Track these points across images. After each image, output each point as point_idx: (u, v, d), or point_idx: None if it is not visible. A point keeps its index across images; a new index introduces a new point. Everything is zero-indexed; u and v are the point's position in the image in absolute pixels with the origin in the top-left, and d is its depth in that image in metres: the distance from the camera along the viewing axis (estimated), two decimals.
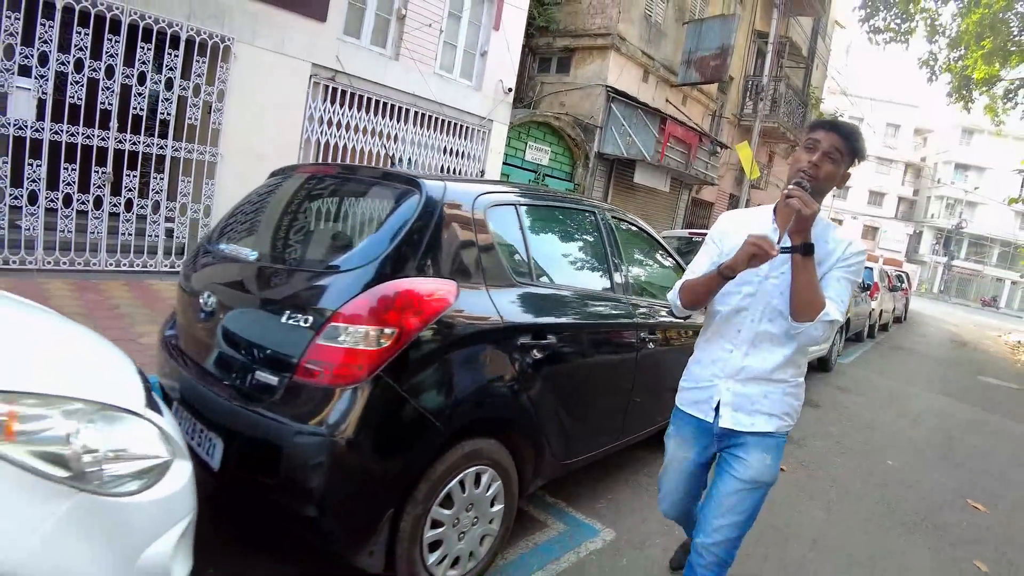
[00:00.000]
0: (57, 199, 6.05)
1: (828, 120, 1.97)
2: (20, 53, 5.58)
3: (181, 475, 1.67)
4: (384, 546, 2.08)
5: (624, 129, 12.17)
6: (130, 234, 6.54)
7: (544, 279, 2.75)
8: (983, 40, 18.31)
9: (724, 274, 1.91)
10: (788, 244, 1.87)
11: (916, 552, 3.48)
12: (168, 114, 6.49)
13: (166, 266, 6.81)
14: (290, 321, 2.08)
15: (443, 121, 9.11)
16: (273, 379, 2.09)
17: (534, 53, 13.04)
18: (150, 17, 6.11)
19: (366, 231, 2.33)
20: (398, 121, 8.49)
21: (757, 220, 2.08)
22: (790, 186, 1.87)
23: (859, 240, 2.02)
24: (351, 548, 2.05)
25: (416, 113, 8.69)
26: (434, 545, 2.24)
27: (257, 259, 2.43)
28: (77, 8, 5.71)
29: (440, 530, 2.24)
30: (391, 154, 8.30)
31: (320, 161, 7.57)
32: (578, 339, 2.81)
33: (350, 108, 7.91)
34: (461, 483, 2.28)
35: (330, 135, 7.76)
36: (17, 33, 5.52)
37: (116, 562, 1.41)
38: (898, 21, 20.44)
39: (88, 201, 6.19)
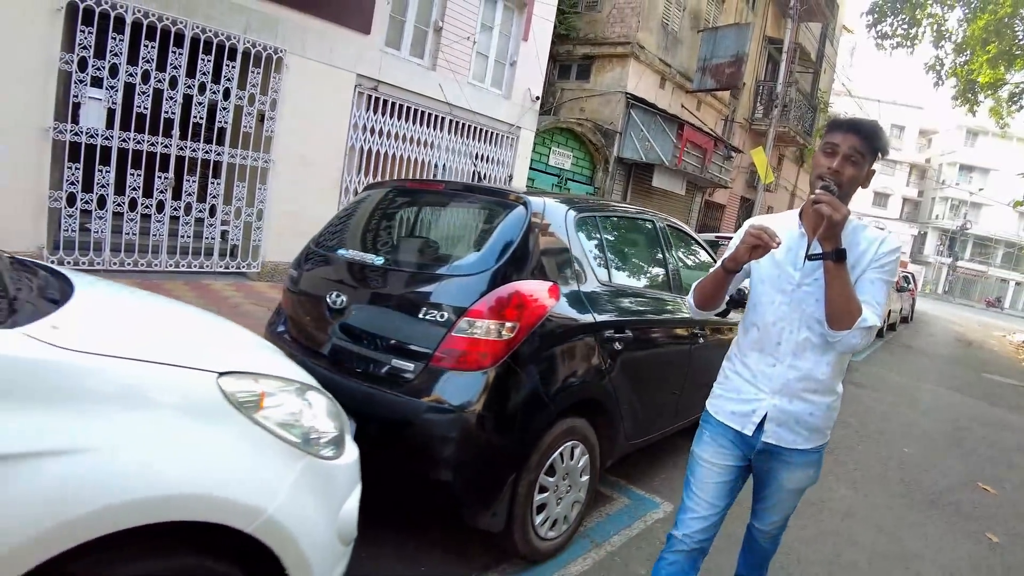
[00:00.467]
0: (123, 203, 6.46)
1: (846, 120, 1.91)
2: (92, 65, 5.99)
3: (352, 446, 2.07)
4: (505, 508, 2.50)
5: (643, 134, 12.58)
6: (188, 236, 6.97)
7: (619, 280, 3.17)
8: (988, 45, 18.61)
9: (727, 267, 1.94)
10: (818, 250, 1.84)
11: (935, 525, 3.90)
12: (225, 122, 6.90)
13: (220, 267, 7.23)
14: (426, 317, 2.49)
15: (475, 128, 9.53)
16: (409, 365, 2.50)
17: (555, 60, 13.44)
18: (210, 30, 6.52)
19: (483, 240, 2.74)
20: (434, 129, 8.92)
21: (784, 225, 2.02)
22: (817, 190, 1.82)
23: (891, 237, 1.97)
24: (478, 510, 2.47)
25: (450, 121, 9.11)
26: (539, 508, 2.66)
27: (384, 264, 2.84)
28: (145, 23, 6.12)
29: (545, 495, 2.67)
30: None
31: (421, 178, 8.00)
32: (648, 333, 3.23)
33: (390, 116, 8.34)
34: (560, 455, 2.70)
35: (372, 142, 8.18)
36: (90, 47, 5.93)
37: (329, 512, 1.80)
38: (905, 26, 20.76)
39: (151, 205, 6.60)
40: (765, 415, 1.99)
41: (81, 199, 6.17)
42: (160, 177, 6.61)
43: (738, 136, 17.95)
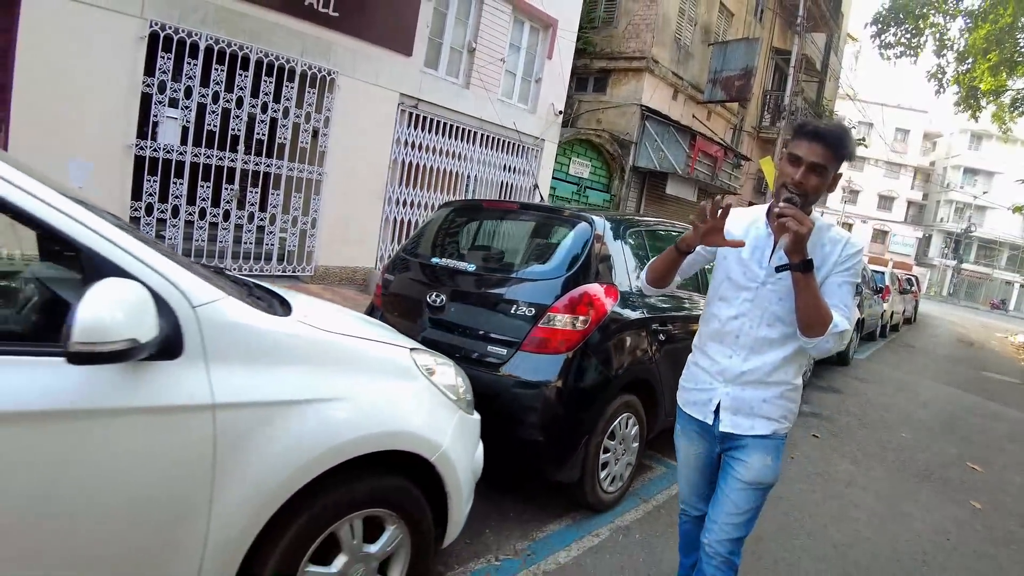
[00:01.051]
0: (194, 213, 7.14)
1: (811, 128, 1.90)
2: (170, 88, 6.67)
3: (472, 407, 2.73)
4: (579, 464, 3.17)
5: (657, 144, 13.25)
6: (251, 243, 7.66)
7: None
8: (989, 53, 19.17)
9: (679, 248, 2.00)
10: (785, 261, 1.87)
11: (926, 493, 4.56)
12: (284, 138, 7.59)
13: (278, 271, 7.92)
14: (515, 312, 3.17)
15: (503, 141, 10.21)
16: (502, 351, 3.18)
17: (573, 73, 14.09)
18: (272, 54, 7.20)
19: (556, 251, 3.42)
20: (467, 143, 9.61)
21: (752, 220, 2.10)
22: (780, 203, 1.83)
23: (854, 239, 2.02)
24: (560, 464, 3.14)
25: (481, 135, 9.80)
26: (603, 466, 3.34)
27: (476, 270, 3.52)
28: (216, 48, 6.79)
29: (607, 455, 3.34)
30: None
31: (494, 198, 8.98)
32: (683, 326, 3.89)
33: (428, 132, 9.02)
34: (619, 424, 3.38)
35: (413, 156, 8.86)
36: (168, 71, 6.61)
37: (469, 454, 2.45)
38: (908, 36, 21.35)
39: (219, 214, 7.29)
40: (719, 403, 2.08)
41: (158, 209, 6.85)
42: (227, 189, 7.30)
43: (746, 144, 18.61)
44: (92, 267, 1.42)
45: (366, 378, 2.05)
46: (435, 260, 3.75)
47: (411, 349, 2.30)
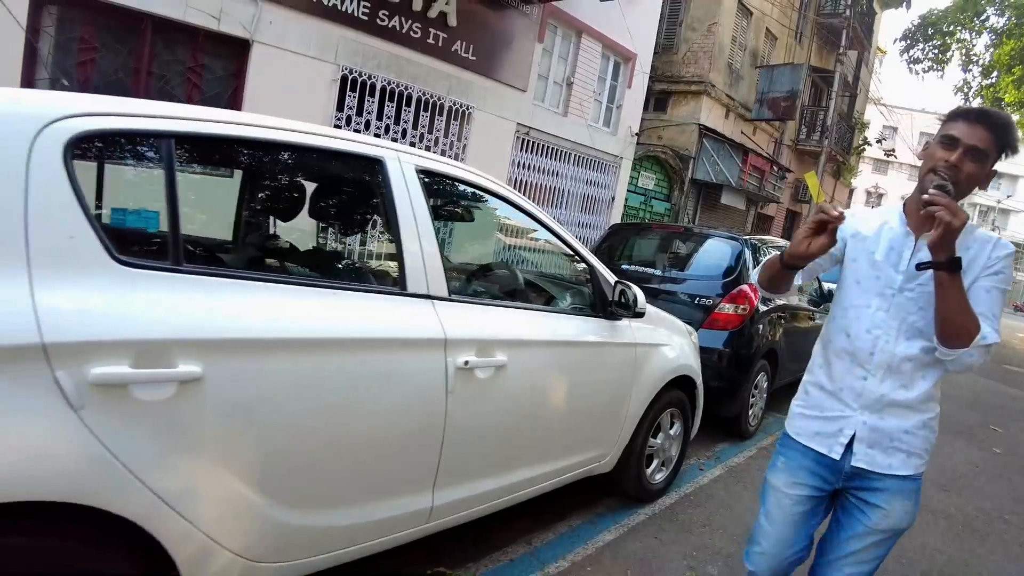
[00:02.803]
0: None
1: (973, 109, 1.68)
2: (354, 121, 8.39)
3: None
4: (739, 404, 4.87)
5: (713, 159, 14.89)
6: None
7: None
8: (1014, 68, 20.56)
9: (786, 263, 1.78)
10: (929, 258, 1.61)
11: (959, 443, 6.23)
12: None
13: None
14: (698, 302, 4.88)
15: (590, 160, 11.92)
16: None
17: None
18: (428, 93, 8.90)
19: (720, 260, 5.13)
20: (563, 162, 11.33)
21: (884, 219, 1.85)
22: (931, 189, 1.56)
23: (1005, 240, 1.74)
24: (727, 404, 4.83)
25: (574, 155, 11.52)
26: (750, 407, 5.04)
27: (661, 273, 5.23)
28: (388, 88, 8.48)
29: (753, 399, 5.04)
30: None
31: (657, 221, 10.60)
32: (793, 315, 5.57)
33: (536, 154, 10.75)
34: (759, 378, 5.08)
35: (523, 175, 10.59)
36: (353, 107, 8.31)
37: (697, 371, 4.16)
38: (936, 51, 22.75)
39: None
40: (854, 434, 1.81)
41: None
42: None
43: (785, 155, 20.15)
44: (596, 275, 3.11)
45: (676, 335, 3.75)
46: (623, 266, 5.47)
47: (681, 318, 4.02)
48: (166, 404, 1.50)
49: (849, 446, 1.81)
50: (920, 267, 1.65)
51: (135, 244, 1.94)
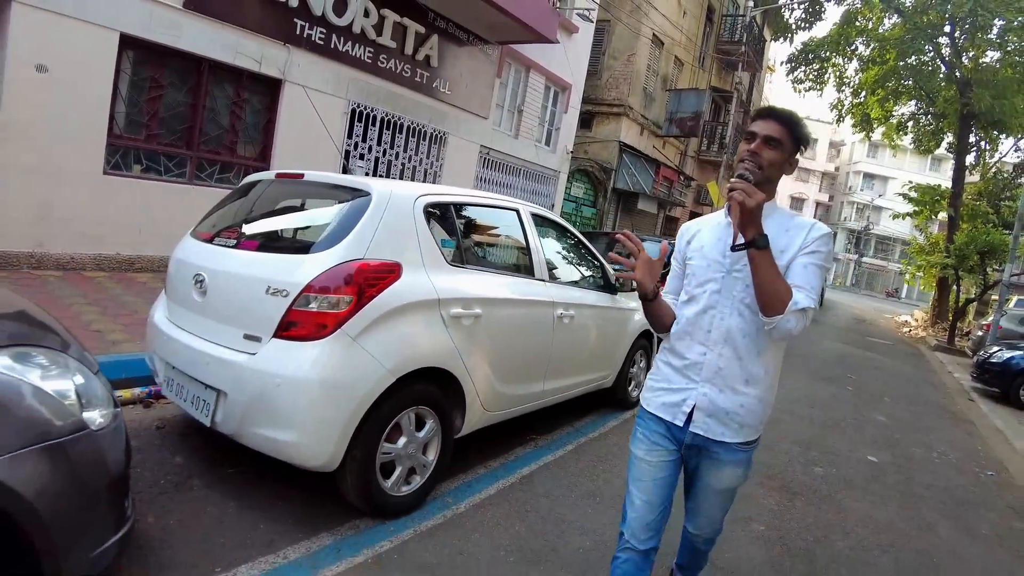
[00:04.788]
0: None
1: (765, 108, 1.95)
2: (358, 147, 10.09)
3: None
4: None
5: (631, 171, 17.32)
6: None
7: None
8: (878, 90, 24.08)
9: (643, 297, 2.00)
10: (741, 240, 1.81)
11: (825, 385, 8.71)
12: (420, 179, 11.17)
13: None
14: None
15: (534, 173, 14.03)
16: None
17: None
18: (415, 122, 10.72)
19: None
20: (514, 176, 13.38)
21: (712, 219, 2.10)
22: (732, 179, 1.82)
23: (821, 224, 1.94)
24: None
25: (523, 170, 13.60)
26: None
27: None
28: (386, 119, 10.24)
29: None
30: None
31: None
32: None
33: (494, 171, 12.75)
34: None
35: (485, 188, 12.57)
36: (359, 135, 10.02)
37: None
38: (815, 74, 26.14)
39: None
40: (694, 405, 1.99)
41: None
42: None
43: (690, 165, 22.98)
44: (604, 268, 5.17)
45: (633, 305, 5.84)
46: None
47: None
48: (471, 326, 3.42)
49: (691, 416, 2.00)
50: (735, 248, 1.85)
51: (452, 255, 3.73)
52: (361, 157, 10.13)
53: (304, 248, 2.97)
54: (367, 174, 10.29)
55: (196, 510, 2.86)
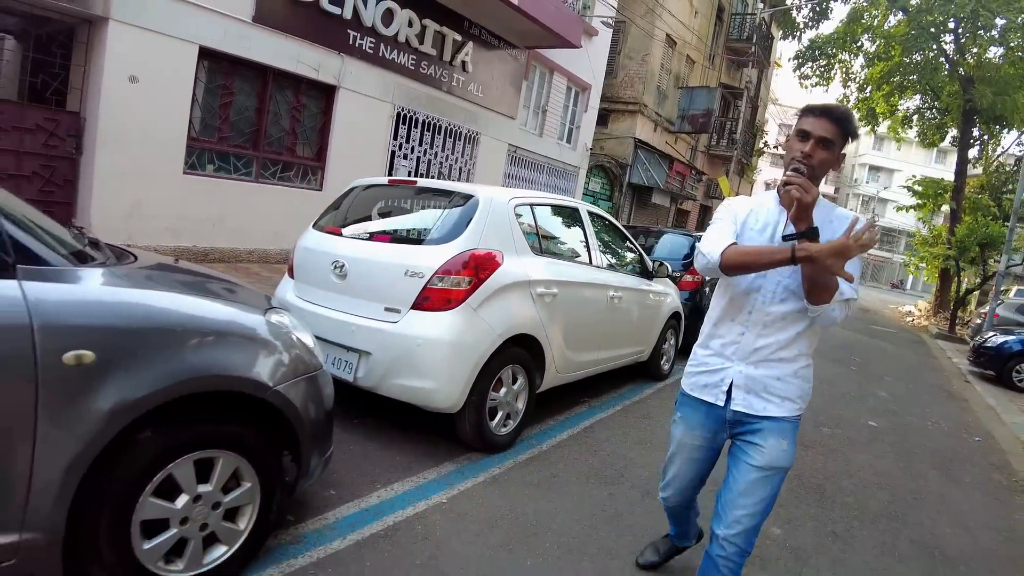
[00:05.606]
0: None
1: (818, 106, 1.94)
2: (403, 147, 10.94)
3: None
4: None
5: (645, 166, 18.12)
6: None
7: None
8: (883, 85, 24.75)
9: (797, 256, 1.83)
10: (792, 230, 1.90)
11: (832, 365, 9.54)
12: (455, 177, 12.00)
13: None
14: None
15: (557, 169, 14.86)
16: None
17: None
18: (452, 124, 11.56)
19: (681, 244, 8.13)
20: (539, 173, 14.22)
21: (762, 203, 2.14)
22: (787, 173, 1.89)
23: (863, 217, 1.93)
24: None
25: (546, 167, 14.43)
26: None
27: None
28: (427, 121, 11.09)
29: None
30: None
31: None
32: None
33: (520, 167, 13.58)
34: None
35: (512, 184, 13.41)
36: (403, 136, 10.87)
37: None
38: (821, 69, 26.81)
39: None
40: (732, 382, 2.07)
41: None
42: None
43: (700, 159, 23.75)
44: (643, 258, 6.00)
45: (671, 290, 6.67)
46: None
47: None
48: (550, 303, 4.25)
49: (729, 394, 2.06)
50: (786, 238, 1.89)
51: (533, 245, 4.50)
52: (405, 157, 10.97)
53: (431, 241, 3.82)
54: (409, 173, 11.16)
55: (342, 449, 3.62)
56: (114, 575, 1.98)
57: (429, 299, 3.59)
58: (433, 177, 11.58)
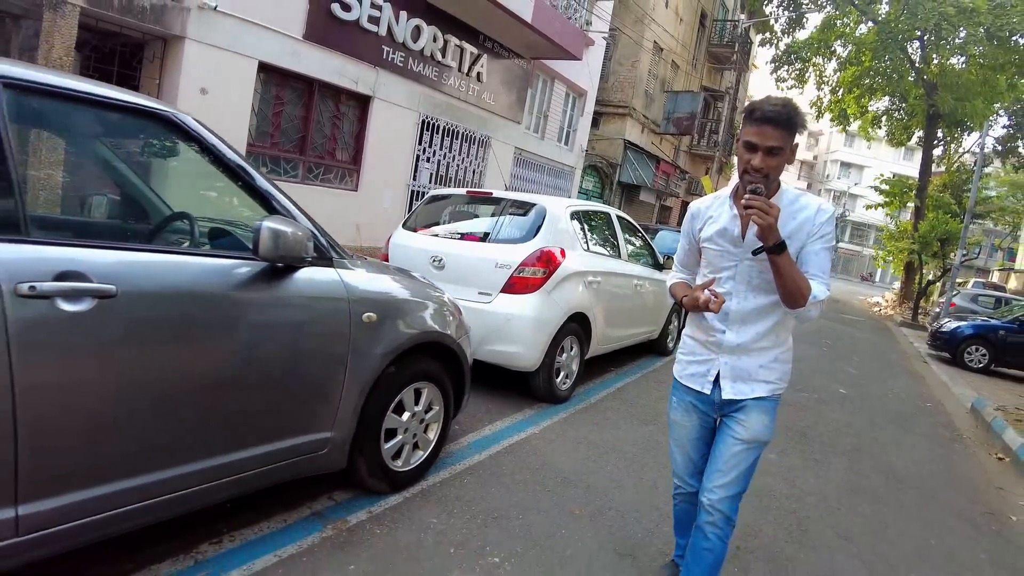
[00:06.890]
0: None
1: (758, 115, 1.91)
2: (426, 151, 12.05)
3: None
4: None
5: (634, 166, 19.39)
6: None
7: None
8: (854, 88, 26.22)
9: (683, 305, 2.21)
10: (759, 245, 1.97)
11: (807, 346, 10.87)
12: (469, 178, 13.12)
13: None
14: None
15: (555, 169, 16.06)
16: None
17: None
18: (467, 129, 12.67)
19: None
20: (540, 173, 15.41)
21: (718, 207, 2.20)
22: (746, 195, 1.90)
23: (825, 204, 2.06)
24: None
25: (547, 167, 15.63)
26: None
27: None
28: (447, 127, 12.21)
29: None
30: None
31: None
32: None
33: (523, 168, 14.76)
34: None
35: (517, 184, 14.57)
36: (427, 141, 11.96)
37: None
38: (797, 72, 28.25)
39: None
40: (718, 373, 2.22)
41: None
42: None
43: (683, 158, 25.11)
44: (653, 250, 7.23)
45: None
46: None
47: None
48: (596, 289, 5.45)
49: (717, 382, 2.23)
50: (755, 253, 2.01)
51: (583, 243, 5.67)
52: (428, 160, 12.07)
53: (513, 240, 4.99)
54: (431, 175, 12.28)
55: None
56: (369, 464, 3.07)
57: (514, 285, 4.77)
58: (451, 179, 12.73)
